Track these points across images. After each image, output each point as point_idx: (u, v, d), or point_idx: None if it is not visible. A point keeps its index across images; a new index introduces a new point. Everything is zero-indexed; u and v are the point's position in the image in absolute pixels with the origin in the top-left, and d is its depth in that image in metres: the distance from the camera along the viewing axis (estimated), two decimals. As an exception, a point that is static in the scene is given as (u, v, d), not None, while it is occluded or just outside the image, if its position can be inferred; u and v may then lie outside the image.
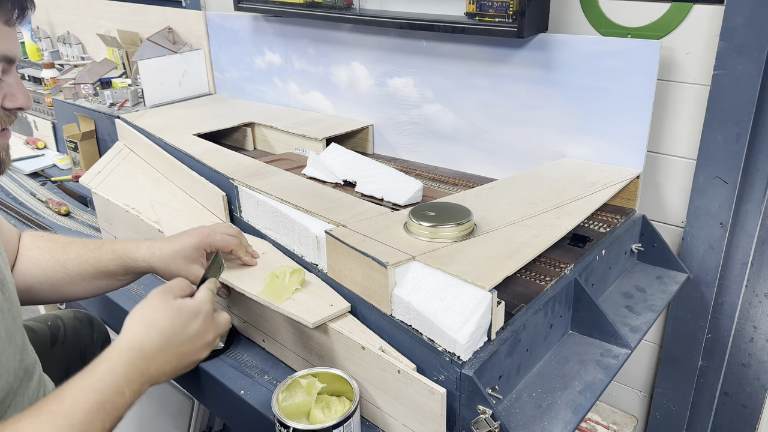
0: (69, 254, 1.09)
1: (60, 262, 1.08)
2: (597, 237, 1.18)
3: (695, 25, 1.18)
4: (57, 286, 1.08)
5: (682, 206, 1.30)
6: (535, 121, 1.38)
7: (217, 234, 1.09)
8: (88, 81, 2.03)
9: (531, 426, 0.90)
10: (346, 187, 1.39)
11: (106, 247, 1.09)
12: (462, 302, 0.88)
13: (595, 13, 1.28)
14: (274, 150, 1.73)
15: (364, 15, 1.50)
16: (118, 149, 1.67)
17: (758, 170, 1.21)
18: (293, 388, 0.93)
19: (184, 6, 2.05)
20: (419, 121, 1.58)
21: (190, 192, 1.45)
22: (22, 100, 0.82)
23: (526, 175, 1.31)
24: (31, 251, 1.10)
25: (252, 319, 1.14)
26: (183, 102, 1.97)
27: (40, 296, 1.09)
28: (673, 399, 1.45)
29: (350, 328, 0.97)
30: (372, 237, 1.00)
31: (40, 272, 1.08)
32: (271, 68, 1.87)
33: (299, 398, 0.92)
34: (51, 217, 1.73)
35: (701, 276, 1.31)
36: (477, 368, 0.85)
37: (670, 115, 1.26)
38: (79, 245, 1.10)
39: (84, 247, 1.10)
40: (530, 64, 1.33)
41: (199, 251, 1.07)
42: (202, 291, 0.92)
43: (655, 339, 1.45)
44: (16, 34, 0.80)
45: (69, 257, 1.08)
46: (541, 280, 1.05)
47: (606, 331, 1.07)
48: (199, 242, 1.07)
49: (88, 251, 1.09)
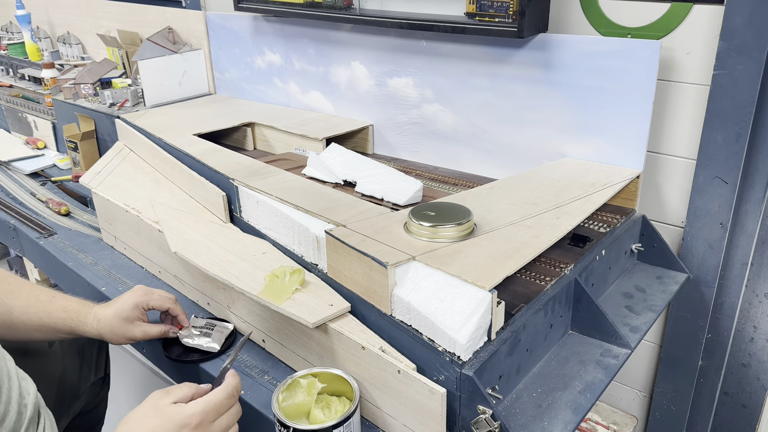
0: (18, 300, 1.07)
1: (6, 307, 1.06)
2: (597, 237, 1.18)
3: (695, 25, 1.18)
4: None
5: (682, 206, 1.30)
6: (535, 121, 1.38)
7: (155, 293, 1.12)
8: (88, 81, 2.03)
9: (531, 426, 0.90)
10: (346, 187, 1.39)
11: (57, 302, 1.08)
12: (462, 302, 0.88)
13: (595, 13, 1.28)
14: (274, 150, 1.73)
15: (364, 15, 1.50)
16: (118, 149, 1.67)
17: (758, 170, 1.21)
18: (293, 388, 0.93)
19: (184, 6, 2.05)
20: (419, 121, 1.58)
21: (190, 192, 1.45)
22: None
23: (526, 175, 1.31)
24: None
25: (252, 319, 1.14)
26: (183, 102, 1.97)
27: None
28: (673, 399, 1.45)
29: (350, 328, 0.97)
30: (372, 237, 1.00)
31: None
32: (271, 68, 1.87)
33: (299, 398, 0.92)
34: (51, 217, 1.73)
35: (701, 276, 1.31)
36: (477, 368, 0.85)
37: (670, 115, 1.26)
38: (30, 293, 1.08)
39: (35, 296, 1.08)
40: (530, 64, 1.33)
41: (137, 310, 1.09)
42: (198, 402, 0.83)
43: (655, 339, 1.45)
44: None
45: (17, 303, 1.06)
46: (541, 280, 1.05)
47: (606, 331, 1.07)
48: (137, 301, 1.09)
49: (39, 302, 1.07)
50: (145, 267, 1.44)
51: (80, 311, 1.08)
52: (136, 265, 1.47)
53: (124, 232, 1.47)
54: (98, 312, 1.08)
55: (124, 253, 1.51)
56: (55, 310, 1.07)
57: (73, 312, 1.07)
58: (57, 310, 1.07)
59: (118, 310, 1.08)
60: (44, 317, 1.06)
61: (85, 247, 1.56)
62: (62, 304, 1.08)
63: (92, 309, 1.08)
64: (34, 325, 1.06)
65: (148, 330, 1.10)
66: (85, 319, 1.07)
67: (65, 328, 1.07)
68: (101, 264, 1.48)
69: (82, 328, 1.07)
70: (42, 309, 1.06)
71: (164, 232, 1.27)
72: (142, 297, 1.10)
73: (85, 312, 1.08)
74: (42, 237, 1.61)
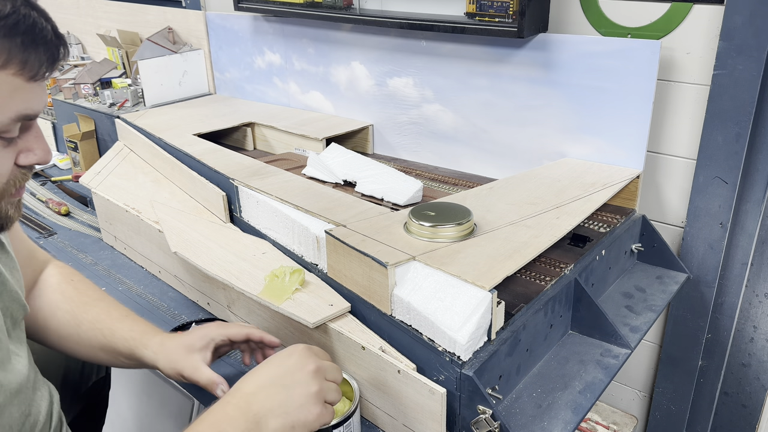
0: (88, 314, 0.99)
1: (76, 320, 0.99)
2: (597, 237, 1.18)
3: (695, 25, 1.18)
4: (63, 339, 1.00)
5: (682, 206, 1.30)
6: (535, 121, 1.38)
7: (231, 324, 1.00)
8: (88, 81, 2.03)
9: (531, 426, 0.90)
10: (346, 187, 1.39)
11: (127, 322, 0.99)
12: (462, 302, 0.88)
13: (595, 13, 1.28)
14: (274, 150, 1.73)
15: (364, 15, 1.50)
16: (118, 149, 1.67)
17: (758, 170, 1.21)
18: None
19: (184, 6, 2.05)
20: (419, 121, 1.58)
21: (190, 192, 1.45)
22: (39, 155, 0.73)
23: (526, 175, 1.31)
24: (54, 293, 1.01)
25: (252, 319, 1.14)
26: (183, 102, 1.97)
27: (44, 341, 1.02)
28: (673, 399, 1.45)
29: (350, 328, 0.97)
30: (372, 237, 1.00)
31: (53, 320, 1.00)
32: (271, 68, 1.87)
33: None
34: (51, 217, 1.73)
35: (701, 276, 1.31)
36: (477, 368, 0.85)
37: (670, 115, 1.26)
38: (102, 309, 1.00)
39: (107, 312, 1.00)
40: (530, 64, 1.33)
41: (204, 339, 0.96)
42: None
43: (655, 339, 1.45)
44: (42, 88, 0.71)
45: (87, 317, 0.99)
46: (541, 280, 1.05)
47: (606, 331, 1.07)
48: (208, 332, 0.97)
49: (108, 318, 0.99)
50: (145, 267, 1.44)
51: (146, 333, 0.96)
52: (136, 265, 1.47)
53: (124, 232, 1.47)
54: (164, 338, 0.96)
55: (124, 253, 1.51)
56: (121, 329, 0.97)
57: (138, 333, 0.96)
58: (123, 329, 0.97)
59: (185, 337, 0.96)
60: (108, 335, 0.97)
61: (85, 247, 1.56)
62: (130, 325, 0.97)
63: (159, 334, 0.97)
64: (99, 344, 0.97)
65: (200, 369, 0.93)
66: (148, 343, 0.95)
67: (126, 351, 0.96)
68: (101, 264, 1.48)
69: (142, 351, 0.95)
70: (108, 326, 0.97)
71: (164, 232, 1.27)
72: (216, 329, 0.97)
73: (150, 336, 0.96)
74: (42, 237, 1.61)
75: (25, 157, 0.73)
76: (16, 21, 0.64)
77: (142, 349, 0.94)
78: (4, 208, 0.74)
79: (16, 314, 0.87)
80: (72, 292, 1.02)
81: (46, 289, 1.02)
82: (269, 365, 0.81)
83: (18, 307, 0.88)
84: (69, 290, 1.02)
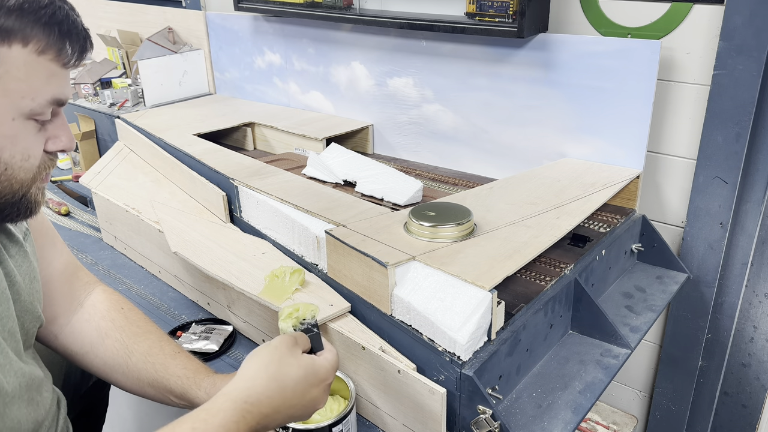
0: (140, 345, 0.95)
1: (127, 350, 0.95)
2: (597, 237, 1.18)
3: (695, 25, 1.18)
4: (110, 368, 0.96)
5: (682, 206, 1.30)
6: (535, 121, 1.38)
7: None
8: (88, 81, 2.03)
9: (531, 426, 0.90)
10: (346, 187, 1.39)
11: (180, 358, 0.94)
12: (462, 302, 0.88)
13: (595, 13, 1.28)
14: (274, 150, 1.73)
15: (364, 15, 1.50)
16: (118, 149, 1.67)
17: (758, 170, 1.21)
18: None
19: (184, 6, 2.05)
20: (419, 121, 1.58)
21: (190, 192, 1.45)
22: (65, 142, 0.76)
23: (526, 175, 1.31)
24: (103, 320, 0.98)
25: (252, 319, 1.14)
26: (183, 102, 1.97)
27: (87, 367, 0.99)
28: (673, 399, 1.45)
29: (350, 328, 0.97)
30: (372, 237, 1.00)
31: (100, 348, 0.96)
32: (271, 68, 1.87)
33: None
34: (51, 217, 1.73)
35: (701, 276, 1.31)
36: (477, 368, 0.85)
37: (670, 115, 1.26)
38: (154, 342, 0.96)
39: (159, 346, 0.95)
40: (530, 64, 1.33)
41: None
42: (332, 352, 0.82)
43: (655, 339, 1.45)
44: (69, 76, 0.75)
45: (138, 348, 0.95)
46: (541, 280, 1.05)
47: (606, 331, 1.07)
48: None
49: (161, 352, 0.94)
50: (145, 267, 1.44)
51: (199, 372, 0.93)
52: (136, 265, 1.47)
53: (124, 232, 1.47)
54: (217, 379, 0.92)
55: (124, 253, 1.51)
56: (174, 365, 0.93)
57: (191, 371, 0.93)
58: (176, 366, 0.93)
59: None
60: (161, 370, 0.93)
61: (85, 247, 1.56)
62: (183, 362, 0.94)
63: (212, 374, 0.93)
64: (149, 378, 0.93)
65: None
66: (201, 383, 0.91)
67: (178, 389, 0.92)
68: (101, 264, 1.48)
69: (195, 391, 0.91)
70: (161, 361, 0.93)
71: (164, 232, 1.27)
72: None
73: (203, 375, 0.92)
74: (42, 237, 1.61)
75: (53, 143, 0.76)
76: (54, 11, 0.69)
77: (195, 390, 0.91)
78: (34, 193, 0.77)
79: (29, 325, 0.86)
80: (123, 321, 0.98)
81: (95, 315, 0.99)
82: (295, 382, 0.78)
83: (32, 318, 0.86)
84: (119, 318, 0.98)
